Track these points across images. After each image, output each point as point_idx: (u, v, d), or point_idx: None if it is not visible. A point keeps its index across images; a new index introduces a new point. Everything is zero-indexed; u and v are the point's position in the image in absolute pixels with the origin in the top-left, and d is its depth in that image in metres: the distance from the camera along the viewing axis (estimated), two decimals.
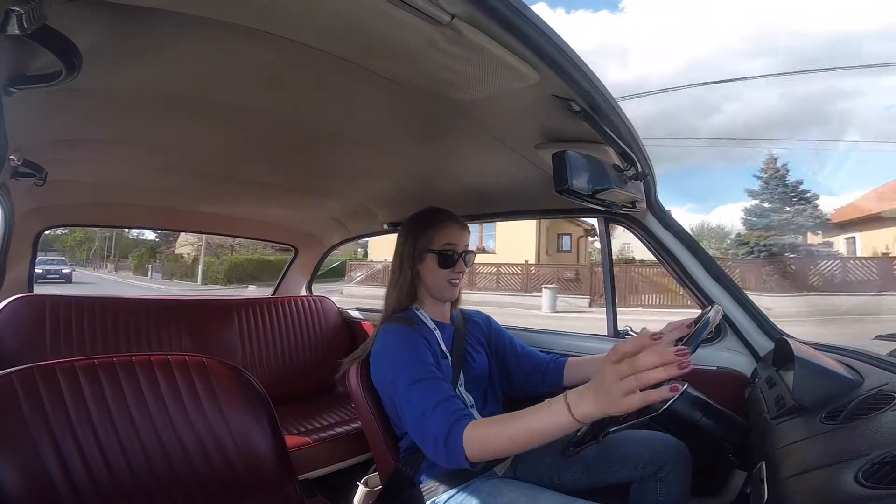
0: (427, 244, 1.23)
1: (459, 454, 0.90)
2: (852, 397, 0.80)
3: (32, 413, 0.86)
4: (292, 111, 1.14)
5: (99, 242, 37.73)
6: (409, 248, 1.26)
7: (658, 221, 1.47)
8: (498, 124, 1.14)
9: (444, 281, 1.23)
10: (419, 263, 1.25)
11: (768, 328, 1.41)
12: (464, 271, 1.25)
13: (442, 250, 1.22)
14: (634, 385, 0.69)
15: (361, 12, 0.69)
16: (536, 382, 1.32)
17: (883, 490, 0.51)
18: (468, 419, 0.93)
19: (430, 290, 1.26)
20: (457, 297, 1.30)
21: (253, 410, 1.10)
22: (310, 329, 2.47)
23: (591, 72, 0.85)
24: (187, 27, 0.76)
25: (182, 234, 24.80)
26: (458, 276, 1.24)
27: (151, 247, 33.73)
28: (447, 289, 1.24)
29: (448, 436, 0.92)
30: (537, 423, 0.82)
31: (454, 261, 1.23)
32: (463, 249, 1.25)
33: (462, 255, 1.25)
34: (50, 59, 0.70)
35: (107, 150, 1.43)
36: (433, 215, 1.28)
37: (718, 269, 1.45)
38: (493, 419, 0.90)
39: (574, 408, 0.77)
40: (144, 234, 35.57)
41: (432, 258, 1.23)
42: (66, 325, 1.83)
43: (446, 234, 1.24)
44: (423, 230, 1.25)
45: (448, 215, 1.28)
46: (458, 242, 1.24)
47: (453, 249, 1.23)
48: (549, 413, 0.80)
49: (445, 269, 1.23)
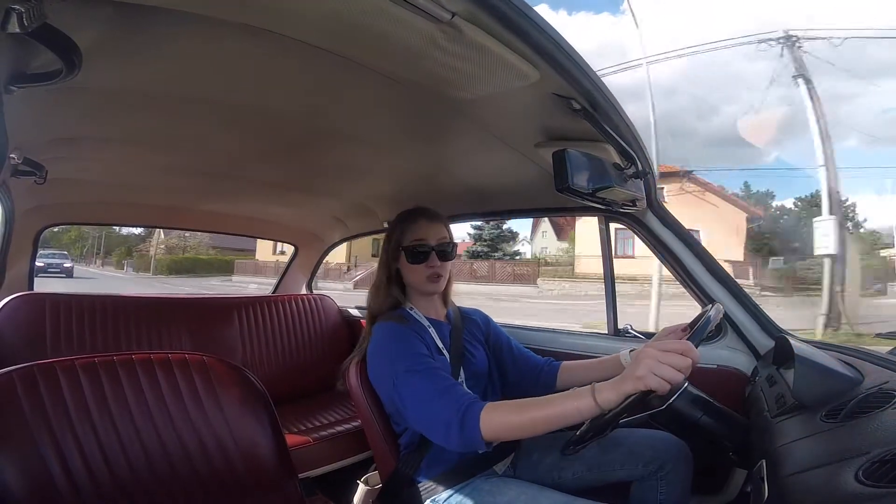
0: (399, 242, 1.25)
1: (476, 435, 0.91)
2: (852, 395, 0.80)
3: (33, 411, 0.86)
4: (293, 109, 1.14)
5: (91, 241, 40.26)
6: (387, 248, 1.28)
7: (658, 220, 1.47)
8: (498, 123, 1.14)
9: (421, 276, 1.23)
10: (397, 262, 1.26)
11: (769, 326, 1.41)
12: (438, 265, 1.24)
13: (411, 246, 1.23)
14: (654, 365, 0.77)
15: (362, 11, 0.69)
16: (530, 384, 1.32)
17: (883, 488, 0.51)
18: (481, 403, 0.95)
19: (412, 286, 1.27)
20: (442, 290, 1.30)
21: (253, 409, 1.10)
22: (310, 327, 2.47)
23: (592, 70, 0.86)
24: (187, 25, 0.76)
25: (158, 234, 30.93)
26: (432, 269, 1.23)
27: (128, 246, 38.91)
28: (426, 284, 1.24)
29: (464, 417, 0.93)
30: (559, 407, 0.87)
31: (425, 255, 1.23)
32: (437, 243, 1.24)
33: (436, 249, 1.24)
34: (50, 57, 0.70)
35: (107, 148, 1.43)
36: (405, 213, 1.29)
37: (719, 267, 1.45)
38: (509, 402, 0.95)
39: (598, 393, 0.83)
40: (131, 232, 39.07)
41: (404, 255, 1.24)
42: (66, 324, 1.83)
43: (414, 229, 1.24)
44: (396, 228, 1.27)
45: (419, 211, 1.29)
46: (426, 237, 1.23)
47: (422, 244, 1.23)
48: (573, 397, 0.86)
49: (416, 264, 1.23)
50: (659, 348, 0.80)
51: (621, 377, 0.82)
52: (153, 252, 32.95)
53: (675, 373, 0.77)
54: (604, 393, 0.82)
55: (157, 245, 33.09)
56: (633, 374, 0.79)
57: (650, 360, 0.78)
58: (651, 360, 0.78)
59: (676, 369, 0.77)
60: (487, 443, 0.93)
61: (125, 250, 37.98)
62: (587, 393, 0.84)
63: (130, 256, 36.16)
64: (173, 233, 30.02)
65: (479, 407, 0.93)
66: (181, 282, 23.71)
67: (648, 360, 0.78)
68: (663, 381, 0.77)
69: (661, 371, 0.77)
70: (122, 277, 28.07)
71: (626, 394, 0.80)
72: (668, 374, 0.77)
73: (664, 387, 0.77)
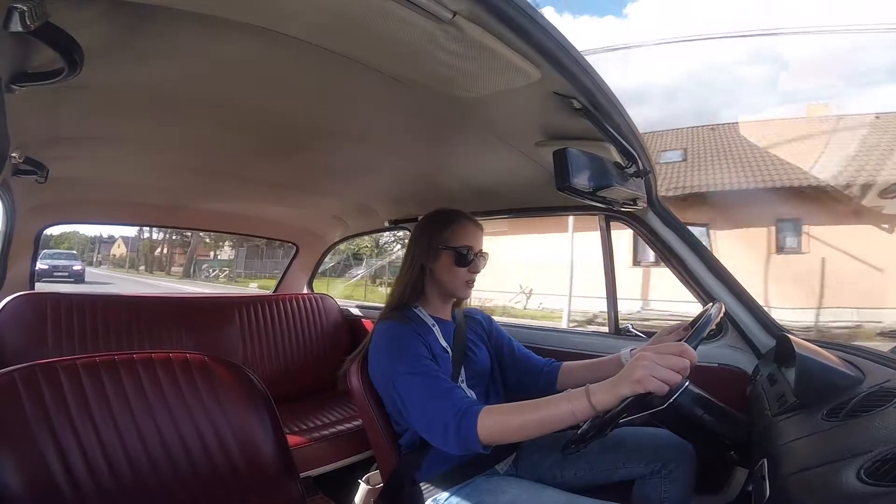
0: (444, 242, 1.22)
1: (473, 438, 0.92)
2: (854, 394, 0.80)
3: (34, 411, 0.86)
4: (294, 108, 1.14)
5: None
6: (422, 246, 1.25)
7: (659, 219, 1.47)
8: (499, 122, 1.14)
9: (460, 280, 1.23)
10: (433, 262, 1.24)
11: (770, 325, 1.41)
12: (478, 272, 1.25)
13: (459, 248, 1.22)
14: (652, 367, 0.78)
15: (363, 9, 0.69)
16: (529, 384, 1.32)
17: (885, 487, 0.51)
18: (478, 405, 0.95)
19: (445, 288, 1.25)
20: (469, 296, 1.30)
21: (254, 408, 1.10)
22: (311, 327, 2.47)
23: (593, 70, 0.86)
24: (189, 25, 0.76)
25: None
26: (472, 276, 1.24)
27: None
28: (462, 288, 1.24)
29: (461, 420, 0.93)
30: (555, 409, 0.87)
31: (470, 260, 1.22)
32: (478, 250, 1.24)
33: (479, 257, 1.24)
34: (52, 56, 0.70)
35: (109, 147, 1.43)
36: (451, 214, 1.27)
37: (720, 265, 1.45)
38: (506, 405, 0.96)
39: (593, 395, 0.83)
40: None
41: (449, 256, 1.22)
42: (67, 323, 1.83)
43: (464, 232, 1.23)
44: (440, 228, 1.24)
45: (466, 215, 1.28)
46: (475, 243, 1.23)
47: (470, 249, 1.22)
48: (566, 399, 0.86)
49: (461, 267, 1.22)
50: (656, 350, 0.81)
51: (617, 379, 0.83)
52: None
53: (673, 374, 0.78)
54: (598, 394, 0.83)
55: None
56: (630, 377, 0.80)
57: (648, 362, 0.79)
58: (649, 362, 0.79)
59: (674, 371, 0.78)
60: (484, 445, 0.93)
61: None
62: (581, 395, 0.85)
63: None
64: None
65: (476, 410, 0.94)
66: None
67: (646, 363, 0.79)
68: (661, 383, 0.77)
69: (659, 373, 0.77)
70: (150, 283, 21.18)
71: (623, 396, 0.81)
72: (666, 377, 0.77)
73: (662, 389, 0.78)
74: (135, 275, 28.71)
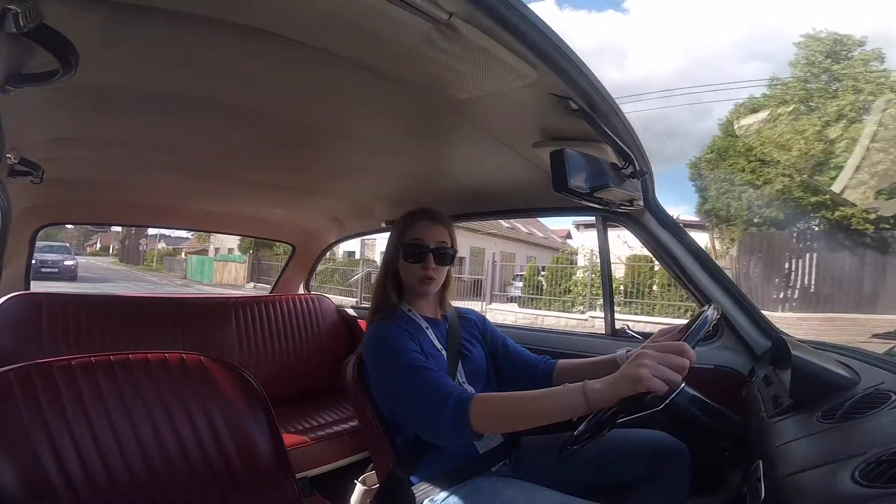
0: (399, 240, 1.25)
1: (465, 423, 0.93)
2: (848, 396, 0.81)
3: (30, 411, 0.86)
4: (289, 109, 1.14)
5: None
6: (389, 247, 1.29)
7: (656, 220, 1.47)
8: (496, 122, 1.14)
9: (415, 276, 1.23)
10: (396, 261, 1.26)
11: (766, 327, 1.41)
12: (433, 268, 1.22)
13: (408, 244, 1.22)
14: (653, 366, 0.78)
15: (359, 10, 0.69)
16: (525, 383, 1.32)
17: (879, 489, 0.51)
18: (469, 392, 0.97)
19: (407, 285, 1.26)
20: (434, 292, 1.29)
21: (250, 409, 1.10)
22: (307, 327, 2.47)
23: (589, 70, 0.85)
24: (184, 25, 0.76)
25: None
26: (426, 272, 1.22)
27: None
28: (418, 283, 1.23)
29: (454, 407, 0.94)
30: (549, 401, 0.89)
31: (421, 255, 1.21)
32: (435, 245, 1.23)
33: (433, 251, 1.23)
34: (47, 57, 0.70)
35: (104, 148, 1.42)
36: (412, 212, 1.29)
37: (716, 267, 1.45)
38: (500, 394, 0.98)
39: (589, 391, 0.84)
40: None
41: (402, 252, 1.23)
42: (63, 323, 1.83)
43: (414, 228, 1.24)
44: (399, 227, 1.27)
45: (422, 211, 1.28)
46: (425, 237, 1.22)
47: (419, 243, 1.22)
48: (562, 393, 0.87)
49: (412, 262, 1.22)
50: (656, 349, 0.81)
51: (615, 377, 0.83)
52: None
53: (673, 373, 0.78)
54: (594, 391, 0.84)
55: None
56: (630, 375, 0.80)
57: (649, 360, 0.79)
58: (650, 360, 0.79)
59: (674, 370, 0.78)
60: (477, 434, 0.94)
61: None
62: (578, 390, 0.85)
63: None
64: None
65: (468, 397, 0.95)
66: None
67: (647, 361, 0.79)
68: (661, 382, 0.77)
69: (660, 372, 0.78)
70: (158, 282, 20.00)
71: (621, 395, 0.81)
72: (667, 376, 0.78)
73: (662, 388, 0.78)
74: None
